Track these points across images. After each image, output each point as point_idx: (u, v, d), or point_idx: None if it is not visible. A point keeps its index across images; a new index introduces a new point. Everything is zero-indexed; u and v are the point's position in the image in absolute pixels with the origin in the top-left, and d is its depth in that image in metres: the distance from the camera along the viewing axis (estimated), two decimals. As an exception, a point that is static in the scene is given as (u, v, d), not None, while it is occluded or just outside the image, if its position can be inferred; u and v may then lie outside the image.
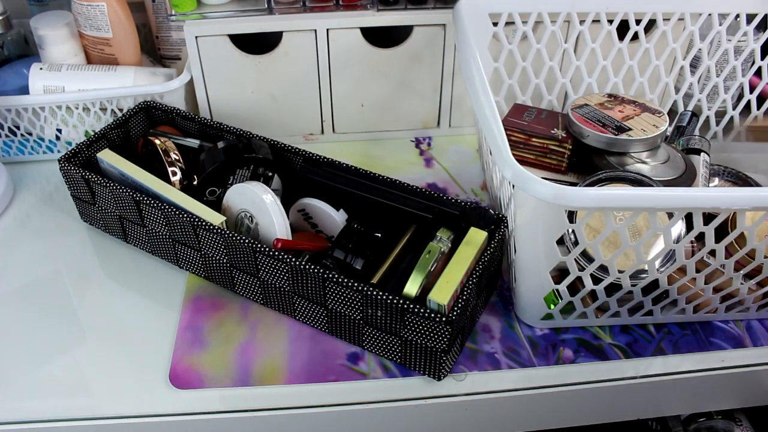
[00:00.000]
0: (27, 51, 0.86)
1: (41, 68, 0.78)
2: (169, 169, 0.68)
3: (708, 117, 0.81)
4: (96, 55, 0.82)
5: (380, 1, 0.77)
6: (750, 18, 0.75)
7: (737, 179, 0.70)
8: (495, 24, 0.74)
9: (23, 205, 0.77)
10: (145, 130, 0.77)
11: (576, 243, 0.54)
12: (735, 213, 0.55)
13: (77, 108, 0.78)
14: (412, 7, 0.77)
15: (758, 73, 0.78)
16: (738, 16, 0.75)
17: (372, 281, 0.59)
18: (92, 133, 0.76)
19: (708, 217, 0.51)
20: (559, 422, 0.63)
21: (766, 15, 0.75)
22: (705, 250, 0.53)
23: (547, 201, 0.48)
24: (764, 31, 0.76)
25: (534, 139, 0.68)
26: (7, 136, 0.81)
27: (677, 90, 0.81)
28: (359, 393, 0.57)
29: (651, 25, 0.77)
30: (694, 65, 0.82)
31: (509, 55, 0.76)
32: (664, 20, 0.75)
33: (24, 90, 0.78)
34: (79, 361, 0.60)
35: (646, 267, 0.55)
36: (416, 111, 0.86)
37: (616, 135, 0.65)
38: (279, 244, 0.59)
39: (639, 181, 0.59)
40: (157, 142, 0.70)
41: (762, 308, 0.62)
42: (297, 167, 0.70)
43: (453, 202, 0.63)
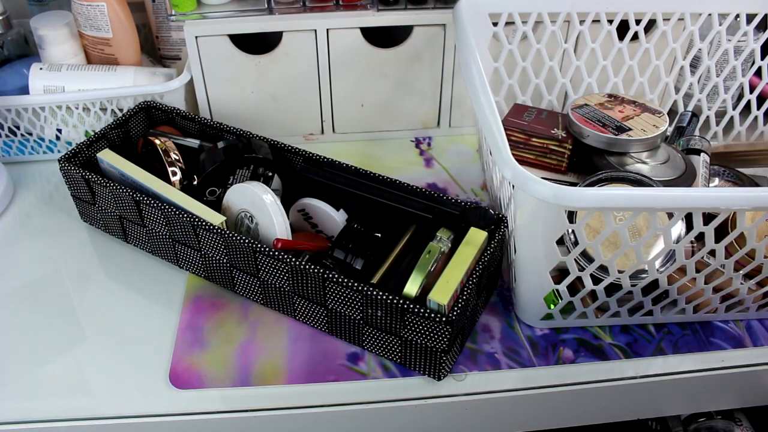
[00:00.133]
0: (27, 51, 0.86)
1: (41, 68, 0.78)
2: (169, 169, 0.68)
3: (708, 117, 0.81)
4: (96, 55, 0.82)
5: (380, 1, 0.77)
6: (750, 18, 0.75)
7: (737, 179, 0.70)
8: (495, 24, 0.74)
9: (23, 205, 0.77)
10: (145, 130, 0.77)
11: (576, 243, 0.54)
12: (735, 213, 0.55)
13: (77, 108, 0.78)
14: (412, 7, 0.77)
15: (758, 73, 0.78)
16: (738, 16, 0.75)
17: (372, 281, 0.59)
18: (92, 133, 0.76)
19: (708, 217, 0.51)
20: (559, 422, 0.63)
21: (766, 15, 0.75)
22: (705, 250, 0.53)
23: (547, 201, 0.48)
24: (764, 31, 0.76)
25: (534, 139, 0.68)
26: (7, 136, 0.81)
27: (677, 90, 0.81)
28: (359, 393, 0.57)
29: (651, 25, 0.77)
30: (694, 65, 0.82)
31: (509, 55, 0.76)
32: (664, 20, 0.75)
33: (24, 90, 0.78)
34: (79, 361, 0.60)
35: (646, 267, 0.55)
36: (416, 111, 0.86)
37: (616, 135, 0.65)
38: (279, 244, 0.59)
39: (639, 181, 0.59)
40: (157, 142, 0.70)
41: (762, 308, 0.62)
42: (297, 167, 0.70)
43: (453, 202, 0.63)
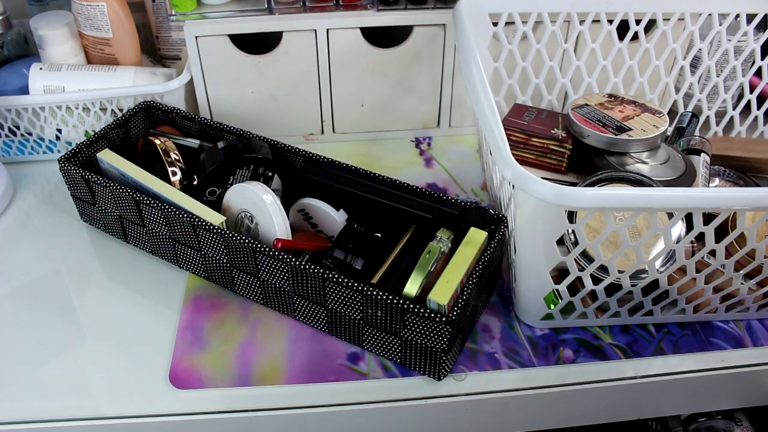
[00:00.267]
0: (27, 51, 0.86)
1: (41, 68, 0.77)
2: (169, 169, 0.68)
3: (708, 117, 0.81)
4: (96, 55, 0.82)
5: (380, 1, 0.77)
6: (750, 18, 0.75)
7: (737, 180, 0.70)
8: (495, 24, 0.74)
9: (23, 205, 0.77)
10: (145, 130, 0.77)
11: (576, 243, 0.54)
12: (735, 213, 0.55)
13: (77, 108, 0.78)
14: (412, 7, 0.77)
15: (758, 73, 0.78)
16: (738, 16, 0.75)
17: (372, 281, 0.59)
18: (92, 133, 0.76)
19: (708, 217, 0.51)
20: (559, 422, 0.63)
21: (766, 15, 0.75)
22: (705, 250, 0.53)
23: (547, 201, 0.48)
24: (764, 31, 0.76)
25: (534, 139, 0.68)
26: (7, 136, 0.81)
27: (677, 90, 0.81)
28: (359, 393, 0.57)
29: (651, 25, 0.77)
30: (694, 65, 0.82)
31: (509, 55, 0.76)
32: (664, 20, 0.75)
33: (24, 90, 0.78)
34: (79, 361, 0.60)
35: (646, 267, 0.55)
36: (416, 111, 0.86)
37: (617, 135, 0.65)
38: (279, 244, 0.59)
39: (639, 181, 0.59)
40: (157, 142, 0.70)
41: (762, 308, 0.62)
42: (297, 167, 0.70)
43: (453, 202, 0.63)
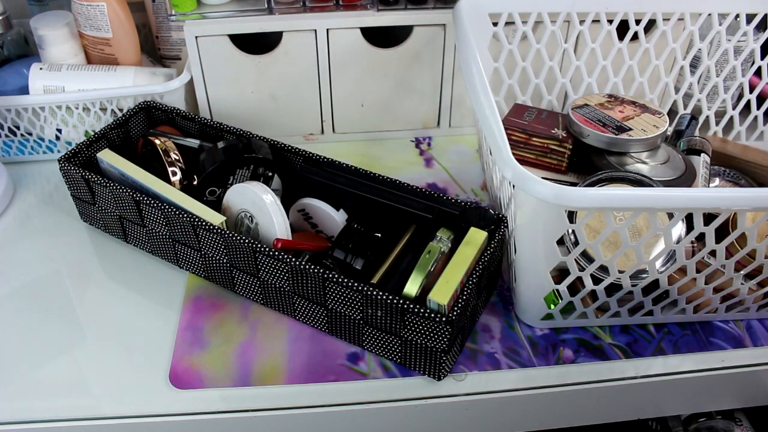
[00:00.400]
0: (27, 51, 0.86)
1: (41, 68, 0.77)
2: (169, 169, 0.68)
3: (708, 117, 0.81)
4: (96, 55, 0.82)
5: (380, 1, 0.77)
6: (750, 18, 0.75)
7: (738, 179, 0.70)
8: (495, 24, 0.74)
9: (23, 205, 0.77)
10: (145, 130, 0.77)
11: (576, 243, 0.54)
12: (735, 213, 0.55)
13: (77, 108, 0.78)
14: (412, 7, 0.77)
15: (758, 73, 0.78)
16: (738, 16, 0.75)
17: (372, 281, 0.59)
18: (92, 133, 0.76)
19: (708, 218, 0.51)
20: (559, 422, 0.63)
21: (766, 15, 0.75)
22: (705, 251, 0.53)
23: (548, 201, 0.48)
24: (764, 31, 0.76)
25: (534, 139, 0.68)
26: (7, 136, 0.81)
27: (677, 90, 0.81)
28: (359, 393, 0.57)
29: (651, 25, 0.77)
30: (694, 65, 0.82)
31: (509, 55, 0.76)
32: (664, 20, 0.75)
33: (24, 90, 0.78)
34: (79, 361, 0.60)
35: (647, 267, 0.55)
36: (416, 111, 0.86)
37: (617, 135, 0.65)
38: (279, 244, 0.59)
39: (639, 182, 0.59)
40: (157, 142, 0.70)
41: (762, 308, 0.62)
42: (297, 167, 0.70)
43: (453, 202, 0.63)
